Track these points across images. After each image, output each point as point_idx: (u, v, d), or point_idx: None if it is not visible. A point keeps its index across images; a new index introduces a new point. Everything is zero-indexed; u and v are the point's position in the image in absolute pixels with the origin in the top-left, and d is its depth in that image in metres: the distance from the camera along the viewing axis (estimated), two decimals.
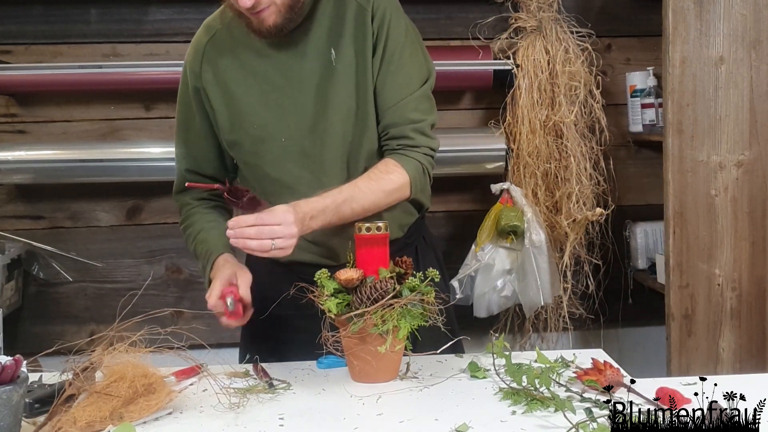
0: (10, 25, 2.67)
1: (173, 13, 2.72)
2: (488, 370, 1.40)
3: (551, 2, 2.68)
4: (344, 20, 1.49)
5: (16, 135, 2.71)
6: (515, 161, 2.70)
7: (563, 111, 2.66)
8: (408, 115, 1.51)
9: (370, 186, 1.46)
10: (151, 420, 1.20)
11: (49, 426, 1.13)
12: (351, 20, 1.49)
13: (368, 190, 1.46)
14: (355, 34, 1.49)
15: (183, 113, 1.63)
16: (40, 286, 2.75)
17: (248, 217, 1.33)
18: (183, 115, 1.63)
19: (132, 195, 2.76)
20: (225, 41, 1.55)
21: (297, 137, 1.51)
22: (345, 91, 1.49)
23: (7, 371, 1.06)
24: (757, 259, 2.33)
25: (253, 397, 1.29)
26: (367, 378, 1.36)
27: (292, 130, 1.51)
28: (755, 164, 2.32)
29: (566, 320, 2.74)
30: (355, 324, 1.29)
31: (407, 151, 1.51)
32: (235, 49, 1.54)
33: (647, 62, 2.77)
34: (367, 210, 1.46)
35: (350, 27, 1.49)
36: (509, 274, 2.60)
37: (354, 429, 1.16)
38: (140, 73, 2.61)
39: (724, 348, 2.34)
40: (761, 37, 2.30)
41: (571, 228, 2.65)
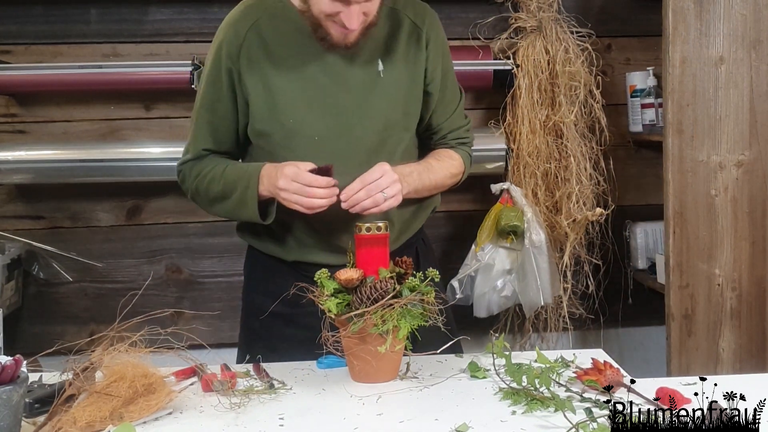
0: (10, 25, 2.67)
1: (173, 13, 2.72)
2: (488, 370, 1.40)
3: (551, 2, 2.68)
4: (397, 36, 1.58)
5: (16, 135, 2.71)
6: (515, 161, 2.70)
7: (563, 111, 2.66)
8: (460, 122, 1.73)
9: (440, 165, 1.65)
10: (151, 420, 1.20)
11: (49, 426, 1.13)
12: (404, 38, 1.59)
13: (438, 168, 1.64)
14: (407, 51, 1.59)
15: (211, 93, 1.59)
16: (40, 286, 2.75)
17: (353, 184, 1.46)
18: (210, 96, 1.59)
19: (132, 195, 2.76)
20: (268, 31, 1.54)
21: (331, 138, 1.54)
22: (387, 102, 1.57)
23: (7, 371, 1.06)
24: (757, 259, 2.33)
25: (253, 398, 1.29)
26: (367, 378, 1.36)
27: (329, 130, 1.54)
28: (755, 164, 2.32)
29: (566, 320, 2.74)
30: (355, 324, 1.29)
31: (462, 146, 1.73)
32: (278, 41, 1.54)
33: (647, 62, 2.77)
34: (437, 187, 1.65)
35: (402, 44, 1.59)
36: (509, 274, 2.60)
37: (354, 429, 1.16)
38: (140, 73, 2.61)
39: (724, 348, 2.34)
40: (761, 37, 2.30)
41: (571, 228, 2.65)
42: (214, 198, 1.59)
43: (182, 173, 1.65)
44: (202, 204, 1.65)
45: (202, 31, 2.73)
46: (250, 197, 1.51)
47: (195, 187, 1.61)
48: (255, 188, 1.50)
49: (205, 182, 1.58)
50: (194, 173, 1.60)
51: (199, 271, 2.79)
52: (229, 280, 2.78)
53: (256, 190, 1.50)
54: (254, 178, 1.51)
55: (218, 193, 1.57)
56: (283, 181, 1.44)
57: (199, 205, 1.67)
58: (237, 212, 1.57)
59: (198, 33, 2.73)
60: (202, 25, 2.73)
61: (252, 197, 1.51)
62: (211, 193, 1.58)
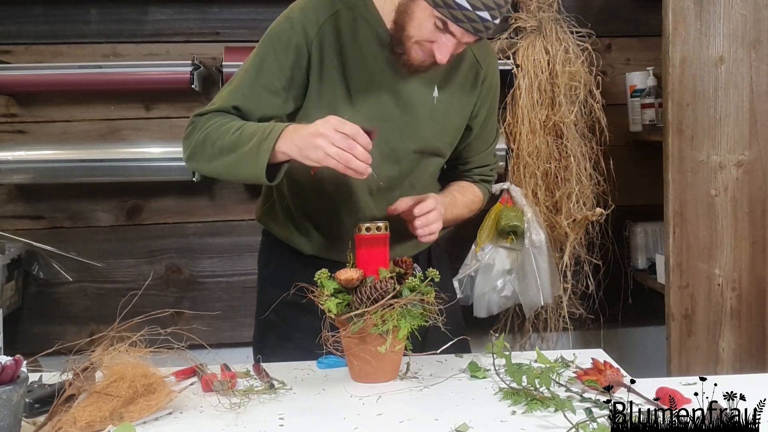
0: (10, 25, 2.67)
1: (173, 13, 2.72)
2: (488, 370, 1.40)
3: (551, 2, 2.69)
4: (459, 67, 1.60)
5: (16, 135, 2.71)
6: (515, 161, 2.71)
7: (563, 111, 2.66)
8: (491, 160, 1.78)
9: (464, 200, 1.70)
10: (151, 420, 1.20)
11: (49, 426, 1.13)
12: (464, 71, 1.61)
13: (462, 204, 1.70)
14: (463, 84, 1.61)
15: (271, 60, 1.49)
16: (40, 286, 2.75)
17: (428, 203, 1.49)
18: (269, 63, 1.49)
19: (132, 195, 2.76)
20: (345, 26, 1.51)
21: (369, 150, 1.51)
22: (431, 130, 1.59)
23: (7, 371, 1.06)
24: (757, 259, 2.33)
25: (253, 398, 1.29)
26: (367, 378, 1.36)
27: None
28: (755, 164, 2.32)
29: (566, 320, 2.74)
30: (355, 324, 1.29)
31: (485, 183, 1.78)
32: (351, 40, 1.51)
33: (647, 62, 2.77)
34: (456, 219, 1.69)
35: (461, 77, 1.61)
36: (509, 274, 2.60)
37: (354, 429, 1.16)
38: (140, 73, 2.61)
39: (724, 348, 2.34)
40: (761, 37, 2.30)
41: (571, 228, 2.65)
42: (221, 149, 1.44)
43: (194, 123, 1.51)
44: (201, 158, 1.49)
45: (202, 31, 2.73)
46: (263, 149, 1.38)
47: (203, 137, 1.47)
48: (273, 141, 1.38)
49: (219, 131, 1.45)
50: (210, 122, 1.48)
51: (199, 271, 2.79)
52: (229, 280, 2.79)
53: (273, 142, 1.37)
54: (276, 131, 1.39)
55: (228, 144, 1.43)
56: (324, 127, 1.34)
57: (196, 161, 1.51)
58: (239, 167, 1.43)
59: (198, 33, 2.73)
60: (202, 25, 2.73)
61: (266, 149, 1.37)
62: (220, 144, 1.44)
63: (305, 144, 1.35)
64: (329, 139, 1.32)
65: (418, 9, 1.40)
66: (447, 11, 1.36)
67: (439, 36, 1.40)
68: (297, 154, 1.36)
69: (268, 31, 1.52)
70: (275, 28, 1.52)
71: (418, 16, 1.40)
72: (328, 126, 1.34)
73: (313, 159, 1.34)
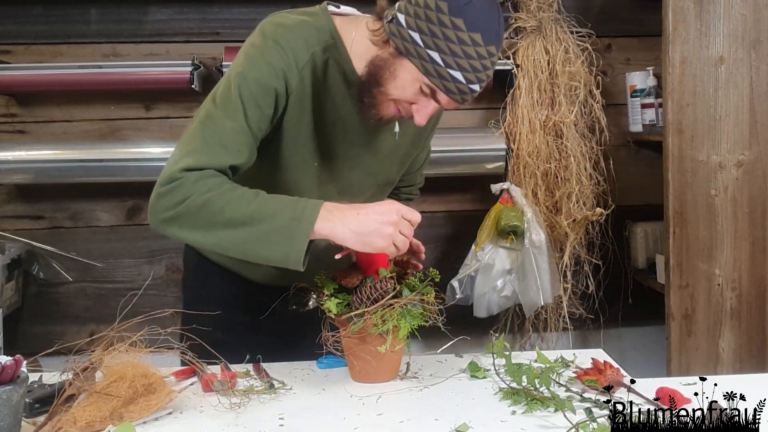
0: (10, 25, 2.67)
1: (173, 13, 2.72)
2: (488, 370, 1.40)
3: (551, 2, 2.68)
4: None
5: (16, 135, 2.71)
6: (515, 161, 2.70)
7: (563, 111, 2.66)
8: (418, 179, 1.81)
9: None
10: (151, 420, 1.20)
11: (49, 426, 1.13)
12: None
13: None
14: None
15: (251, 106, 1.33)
16: (40, 286, 2.75)
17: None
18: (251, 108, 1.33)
19: (132, 195, 2.76)
20: (318, 70, 1.39)
21: (330, 181, 1.49)
22: (392, 165, 1.58)
23: (7, 371, 1.06)
24: (757, 259, 2.33)
25: (253, 398, 1.29)
26: (367, 378, 1.36)
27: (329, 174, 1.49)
28: (755, 164, 2.32)
29: (566, 320, 2.74)
30: (355, 324, 1.29)
31: (408, 201, 1.79)
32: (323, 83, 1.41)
33: (647, 62, 2.77)
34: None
35: None
36: (509, 274, 2.60)
37: (354, 429, 1.16)
38: (140, 73, 2.61)
39: (724, 348, 2.34)
40: (761, 37, 2.30)
41: (571, 228, 2.65)
42: (230, 221, 1.26)
43: (181, 181, 1.28)
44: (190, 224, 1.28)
45: (202, 31, 2.73)
46: (301, 230, 1.25)
47: (201, 202, 1.26)
48: (312, 221, 1.25)
49: (224, 198, 1.27)
50: (209, 185, 1.27)
51: None
52: None
53: (312, 223, 1.25)
54: (312, 210, 1.26)
55: (240, 217, 1.26)
56: (393, 215, 1.27)
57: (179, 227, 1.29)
58: (258, 244, 1.26)
59: (198, 33, 2.73)
60: (202, 25, 2.73)
61: (304, 231, 1.25)
62: (230, 215, 1.26)
63: (370, 231, 1.26)
64: (399, 227, 1.28)
65: (403, 70, 1.31)
66: (439, 81, 1.28)
67: (422, 99, 1.33)
68: (354, 240, 1.26)
69: (245, 71, 1.34)
70: (253, 70, 1.34)
71: (401, 77, 1.31)
72: (396, 214, 1.28)
73: (376, 247, 1.27)
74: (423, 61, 1.28)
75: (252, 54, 1.36)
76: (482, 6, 1.28)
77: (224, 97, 1.34)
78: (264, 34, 1.37)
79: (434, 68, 1.27)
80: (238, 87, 1.33)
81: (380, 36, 1.34)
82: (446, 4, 1.26)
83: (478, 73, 1.29)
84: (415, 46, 1.28)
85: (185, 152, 1.31)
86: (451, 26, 1.26)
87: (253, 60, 1.35)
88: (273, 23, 1.39)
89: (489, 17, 1.29)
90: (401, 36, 1.30)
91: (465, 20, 1.26)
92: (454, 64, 1.27)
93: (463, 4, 1.26)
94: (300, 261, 1.25)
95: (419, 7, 1.28)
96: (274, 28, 1.37)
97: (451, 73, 1.27)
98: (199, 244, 1.34)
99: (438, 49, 1.26)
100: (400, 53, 1.30)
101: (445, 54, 1.27)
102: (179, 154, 1.32)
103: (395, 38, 1.30)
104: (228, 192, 1.28)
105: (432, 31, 1.27)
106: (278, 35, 1.35)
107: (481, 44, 1.27)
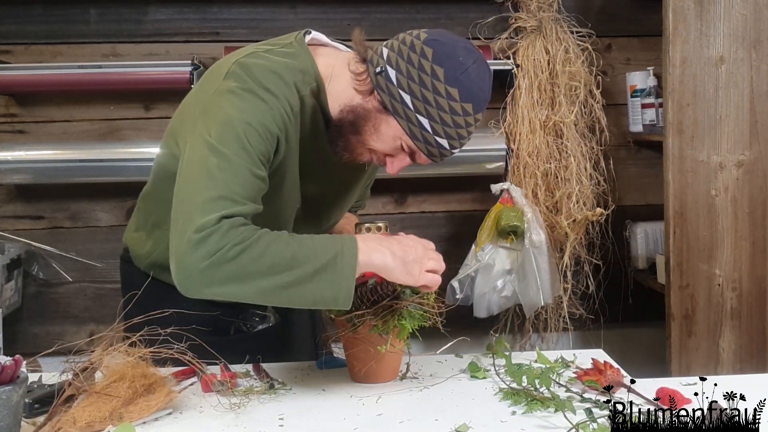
0: (10, 25, 2.67)
1: (173, 13, 2.72)
2: (488, 370, 1.40)
3: (551, 2, 2.68)
4: None
5: (16, 135, 2.71)
6: (515, 161, 2.71)
7: (563, 111, 2.66)
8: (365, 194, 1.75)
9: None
10: (151, 420, 1.19)
11: (49, 426, 1.13)
12: None
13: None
14: None
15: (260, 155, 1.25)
16: (39, 286, 2.75)
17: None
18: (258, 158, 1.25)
19: (132, 195, 2.74)
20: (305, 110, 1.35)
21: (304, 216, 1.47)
22: (357, 191, 1.59)
23: (7, 371, 1.06)
24: (758, 259, 2.33)
25: (253, 398, 1.29)
26: (367, 378, 1.36)
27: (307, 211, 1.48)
28: (755, 164, 2.32)
29: (566, 320, 2.74)
30: (356, 325, 1.29)
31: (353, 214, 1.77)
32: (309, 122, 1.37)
33: (647, 62, 2.77)
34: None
35: None
36: (509, 274, 2.60)
37: (354, 429, 1.16)
38: (140, 73, 2.61)
39: (724, 348, 2.34)
40: (761, 37, 2.30)
41: (571, 228, 2.65)
42: (269, 268, 1.18)
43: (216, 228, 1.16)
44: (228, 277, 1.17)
45: (201, 31, 2.73)
46: (346, 266, 1.19)
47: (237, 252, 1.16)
48: (354, 256, 1.20)
49: (260, 246, 1.17)
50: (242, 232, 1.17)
51: None
52: None
53: (355, 256, 1.20)
54: (351, 245, 1.21)
55: (281, 261, 1.18)
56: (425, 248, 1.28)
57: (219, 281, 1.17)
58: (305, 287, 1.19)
59: (198, 33, 2.73)
60: (201, 25, 2.73)
61: (350, 266, 1.19)
62: (267, 261, 1.17)
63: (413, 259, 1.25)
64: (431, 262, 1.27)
65: (386, 126, 1.29)
66: (424, 146, 1.28)
67: (400, 153, 1.32)
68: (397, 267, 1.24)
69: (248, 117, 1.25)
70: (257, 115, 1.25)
71: (383, 132, 1.29)
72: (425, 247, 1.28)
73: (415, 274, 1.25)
74: (410, 124, 1.26)
75: (251, 100, 1.26)
76: (477, 75, 1.26)
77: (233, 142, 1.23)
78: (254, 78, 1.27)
79: (421, 133, 1.26)
80: (245, 133, 1.23)
81: (365, 86, 1.30)
82: (443, 72, 1.23)
83: (462, 139, 1.29)
84: (405, 107, 1.25)
85: (208, 198, 1.19)
86: (445, 95, 1.24)
87: (255, 106, 1.26)
88: (260, 67, 1.29)
89: (482, 85, 1.27)
90: (390, 93, 1.26)
91: (460, 91, 1.24)
92: (443, 133, 1.26)
93: (460, 74, 1.24)
94: (350, 297, 1.20)
95: (413, 67, 1.24)
96: (263, 74, 1.28)
97: (437, 140, 1.27)
98: (237, 298, 1.20)
99: (428, 117, 1.24)
100: (386, 110, 1.27)
101: (435, 122, 1.25)
102: (202, 199, 1.19)
103: (383, 93, 1.27)
104: (264, 237, 1.19)
105: (425, 96, 1.24)
106: (270, 83, 1.27)
107: (470, 113, 1.26)
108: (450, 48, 1.25)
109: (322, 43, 1.42)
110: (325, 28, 1.48)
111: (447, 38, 1.28)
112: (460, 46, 1.27)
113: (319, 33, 1.42)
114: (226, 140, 1.23)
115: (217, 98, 1.27)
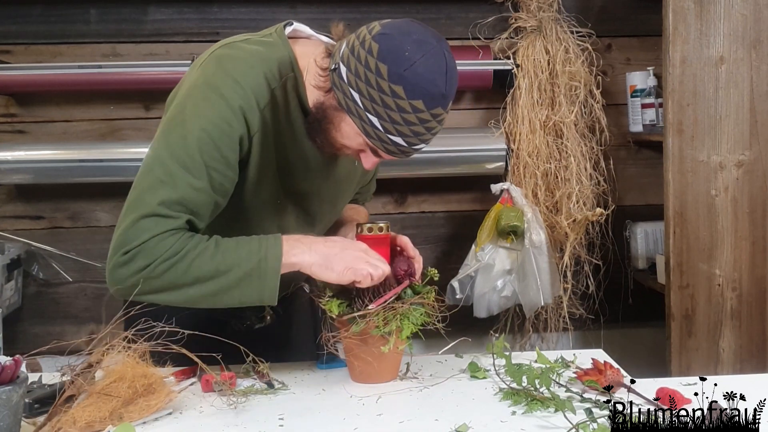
0: (10, 25, 2.67)
1: (173, 13, 2.72)
2: (488, 370, 1.40)
3: (551, 2, 2.68)
4: None
5: (16, 135, 2.71)
6: (515, 161, 2.70)
7: (563, 111, 2.66)
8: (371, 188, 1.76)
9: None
10: (151, 420, 1.19)
11: (49, 426, 1.13)
12: None
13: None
14: None
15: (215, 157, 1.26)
16: (39, 286, 2.75)
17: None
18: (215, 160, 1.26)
19: None
20: (279, 107, 1.33)
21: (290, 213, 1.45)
22: (349, 188, 1.56)
23: (7, 371, 1.06)
24: (758, 259, 2.33)
25: (253, 397, 1.29)
26: (367, 378, 1.36)
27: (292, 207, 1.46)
28: (755, 164, 2.32)
29: (566, 320, 2.74)
30: (357, 325, 1.29)
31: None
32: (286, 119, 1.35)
33: (647, 62, 2.77)
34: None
35: None
36: (509, 274, 2.60)
37: (354, 429, 1.16)
38: (140, 73, 2.61)
39: (725, 348, 2.34)
40: (761, 37, 2.30)
41: (571, 228, 2.65)
42: (195, 280, 1.24)
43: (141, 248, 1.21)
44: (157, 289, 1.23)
45: (201, 31, 2.73)
46: (270, 269, 1.24)
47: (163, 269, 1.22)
48: (278, 259, 1.25)
49: (186, 261, 1.23)
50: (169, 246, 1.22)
51: None
52: None
53: (279, 260, 1.25)
54: (275, 247, 1.26)
55: (206, 273, 1.24)
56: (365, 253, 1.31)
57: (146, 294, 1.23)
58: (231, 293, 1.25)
59: (198, 33, 2.73)
60: (201, 25, 2.73)
61: (273, 269, 1.25)
62: (193, 274, 1.23)
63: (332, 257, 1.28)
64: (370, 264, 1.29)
65: (345, 124, 1.27)
66: (380, 144, 1.25)
67: (367, 149, 1.30)
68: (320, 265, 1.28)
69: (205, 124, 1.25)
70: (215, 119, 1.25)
71: (344, 130, 1.28)
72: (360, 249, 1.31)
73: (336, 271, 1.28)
74: (363, 123, 1.23)
75: (211, 97, 1.26)
76: (425, 68, 1.19)
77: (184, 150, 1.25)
78: (222, 69, 1.28)
79: (374, 131, 1.23)
80: (198, 144, 1.24)
81: (325, 83, 1.29)
82: (386, 69, 1.18)
83: (421, 136, 1.24)
84: (356, 106, 1.23)
85: (139, 216, 1.23)
86: (390, 93, 1.19)
87: (213, 105, 1.26)
88: (231, 57, 1.30)
89: (432, 79, 1.20)
90: (343, 91, 1.24)
91: (404, 88, 1.18)
92: (394, 131, 1.22)
93: (404, 70, 1.18)
94: (274, 297, 1.26)
95: (360, 64, 1.21)
96: (232, 64, 1.29)
97: (391, 138, 1.23)
98: (167, 303, 1.25)
99: (377, 115, 1.21)
100: (342, 108, 1.26)
101: (384, 120, 1.21)
102: (132, 218, 1.23)
103: (338, 91, 1.25)
104: (191, 251, 1.23)
105: (371, 95, 1.20)
106: (237, 73, 1.27)
107: (423, 110, 1.20)
108: (397, 43, 1.20)
109: (305, 35, 1.40)
110: (325, 28, 1.48)
111: (399, 31, 1.22)
112: (412, 38, 1.20)
113: (302, 24, 1.39)
114: (176, 152, 1.26)
115: (185, 97, 1.32)
